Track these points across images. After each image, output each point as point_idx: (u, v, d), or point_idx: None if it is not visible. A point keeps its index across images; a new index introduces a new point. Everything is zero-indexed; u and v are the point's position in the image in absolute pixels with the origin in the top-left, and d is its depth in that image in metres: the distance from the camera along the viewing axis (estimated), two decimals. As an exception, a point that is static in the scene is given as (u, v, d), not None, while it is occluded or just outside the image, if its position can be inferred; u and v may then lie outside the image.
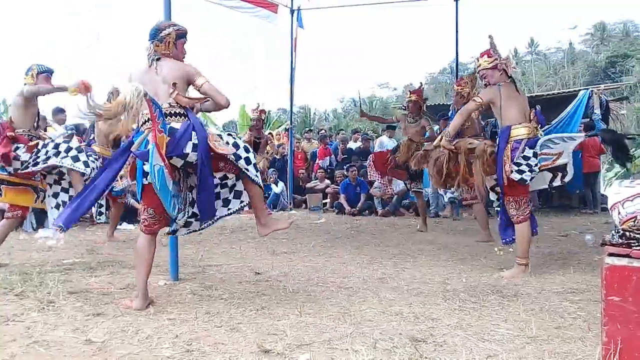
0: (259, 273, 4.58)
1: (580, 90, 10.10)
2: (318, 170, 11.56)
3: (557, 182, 4.78)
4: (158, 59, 3.51)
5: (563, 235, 6.89)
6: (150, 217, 3.49)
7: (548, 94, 12.41)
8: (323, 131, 15.01)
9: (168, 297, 3.72)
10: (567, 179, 4.73)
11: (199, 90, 3.50)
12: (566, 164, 4.66)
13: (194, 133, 3.33)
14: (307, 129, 15.83)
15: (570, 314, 3.31)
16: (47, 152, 4.79)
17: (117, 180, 5.56)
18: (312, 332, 2.95)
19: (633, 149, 10.56)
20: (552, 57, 42.35)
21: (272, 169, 10.99)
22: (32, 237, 6.97)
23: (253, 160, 3.62)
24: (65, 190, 5.05)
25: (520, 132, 4.47)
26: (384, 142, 10.96)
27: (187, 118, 3.42)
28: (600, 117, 9.79)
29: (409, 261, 5.18)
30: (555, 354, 2.60)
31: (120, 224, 8.07)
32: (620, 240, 2.26)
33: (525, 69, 40.02)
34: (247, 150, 3.59)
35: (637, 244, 2.22)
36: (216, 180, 3.65)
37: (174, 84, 3.42)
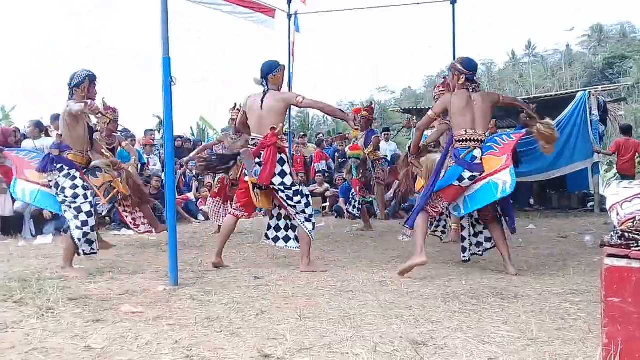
0: (258, 277, 4.57)
1: (578, 92, 10.18)
2: (316, 174, 11.56)
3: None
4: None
5: (562, 236, 6.89)
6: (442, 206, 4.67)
7: (546, 96, 12.43)
8: (320, 135, 15.02)
9: (167, 303, 3.71)
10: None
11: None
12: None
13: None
14: (302, 133, 15.83)
15: (571, 315, 3.30)
16: None
17: (100, 197, 5.31)
18: (312, 336, 2.94)
19: None
20: (549, 59, 42.43)
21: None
22: (31, 244, 6.96)
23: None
24: None
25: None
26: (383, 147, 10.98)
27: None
28: (598, 118, 9.85)
29: (408, 264, 5.16)
30: (556, 355, 2.60)
31: (120, 230, 8.08)
32: (619, 241, 2.26)
33: (523, 71, 40.09)
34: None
35: (636, 244, 2.22)
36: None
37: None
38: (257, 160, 4.79)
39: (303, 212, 4.88)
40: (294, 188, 4.82)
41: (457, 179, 4.49)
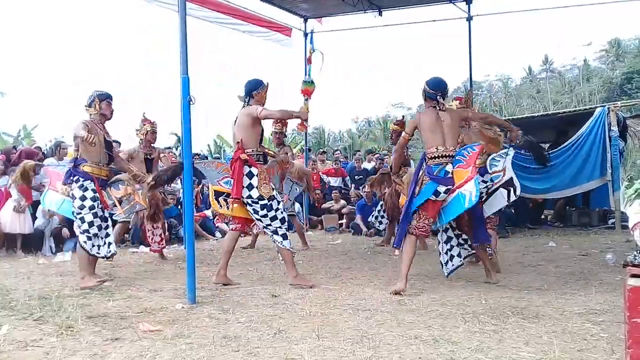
0: (275, 295, 4.56)
1: (597, 107, 10.07)
2: (332, 192, 11.53)
3: (512, 197, 5.37)
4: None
5: (583, 254, 6.78)
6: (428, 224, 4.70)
7: (564, 112, 12.32)
8: (338, 152, 15.04)
9: (186, 321, 3.72)
10: (518, 192, 5.37)
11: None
12: (512, 179, 5.33)
13: None
14: (321, 150, 15.87)
15: (593, 335, 3.25)
16: None
17: (117, 207, 5.84)
18: (330, 356, 2.92)
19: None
20: (567, 74, 42.02)
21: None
22: (50, 261, 7.02)
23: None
24: None
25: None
26: None
27: None
28: (617, 134, 9.73)
29: (427, 282, 5.13)
30: (579, 377, 2.55)
31: (138, 247, 8.13)
32: (643, 261, 2.23)
33: (540, 87, 39.83)
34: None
35: (660, 264, 2.18)
36: None
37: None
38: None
39: (269, 225, 4.94)
40: (260, 202, 4.89)
41: (433, 194, 4.63)
